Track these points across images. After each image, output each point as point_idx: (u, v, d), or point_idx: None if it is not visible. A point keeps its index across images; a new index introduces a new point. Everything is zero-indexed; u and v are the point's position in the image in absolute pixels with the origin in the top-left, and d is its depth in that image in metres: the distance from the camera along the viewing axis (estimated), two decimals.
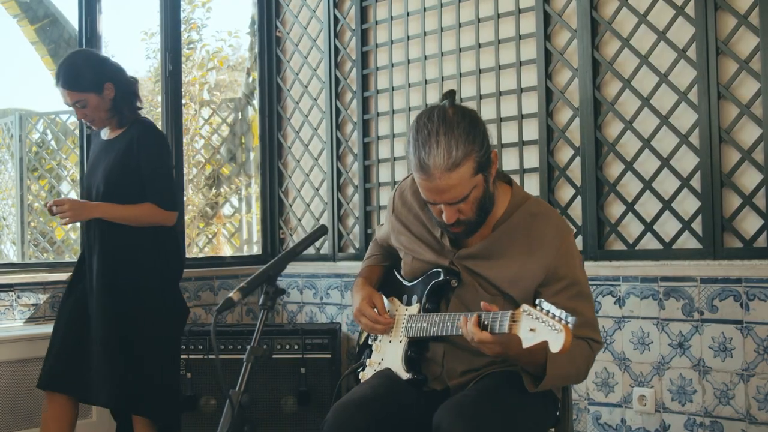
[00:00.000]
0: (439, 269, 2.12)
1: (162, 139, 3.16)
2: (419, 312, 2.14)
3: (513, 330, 1.71)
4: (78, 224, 4.39)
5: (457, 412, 1.86)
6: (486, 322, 1.82)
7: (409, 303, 2.20)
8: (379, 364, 2.23)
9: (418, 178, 1.94)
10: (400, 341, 2.17)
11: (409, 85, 3.98)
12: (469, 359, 2.08)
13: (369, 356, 2.29)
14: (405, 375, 2.13)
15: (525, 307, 1.69)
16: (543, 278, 2.00)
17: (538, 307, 1.66)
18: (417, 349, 2.15)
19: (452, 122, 1.90)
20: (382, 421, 2.00)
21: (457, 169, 1.87)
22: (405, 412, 2.07)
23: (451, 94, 1.99)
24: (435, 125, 1.90)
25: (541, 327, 1.64)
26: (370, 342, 2.31)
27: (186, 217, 4.59)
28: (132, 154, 3.05)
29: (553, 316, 1.62)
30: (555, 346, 1.60)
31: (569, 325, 1.59)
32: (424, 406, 2.07)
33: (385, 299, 2.26)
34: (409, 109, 3.96)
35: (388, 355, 2.21)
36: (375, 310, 2.21)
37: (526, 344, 1.66)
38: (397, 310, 2.23)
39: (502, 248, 2.05)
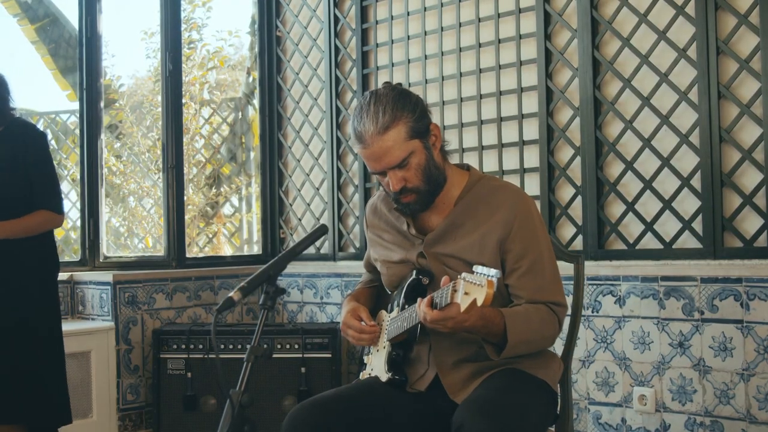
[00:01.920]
0: (412, 271, 2.14)
1: (47, 141, 3.11)
2: (398, 314, 2.16)
3: (453, 298, 1.78)
4: (78, 223, 4.38)
5: (478, 410, 1.86)
6: (436, 301, 1.87)
7: (391, 311, 2.23)
8: (369, 375, 2.25)
9: (358, 151, 2.06)
10: (384, 347, 2.20)
11: (410, 85, 3.97)
12: (457, 349, 2.09)
13: (363, 369, 2.32)
14: (385, 376, 2.15)
15: (463, 274, 1.76)
16: (503, 236, 2.04)
17: (474, 272, 1.73)
18: (401, 350, 2.17)
19: (380, 95, 2.04)
20: (341, 419, 2.01)
21: (387, 132, 1.99)
22: (372, 412, 2.08)
23: (397, 84, 2.13)
24: (366, 100, 2.05)
25: (473, 288, 1.72)
26: (364, 359, 2.33)
27: (186, 217, 4.59)
28: (19, 159, 2.98)
29: (482, 275, 1.71)
30: (479, 301, 1.70)
31: (492, 279, 1.69)
32: (401, 406, 2.09)
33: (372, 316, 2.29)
34: None
35: (376, 363, 2.24)
36: (362, 322, 2.23)
37: (462, 307, 1.74)
38: (383, 321, 2.25)
39: (465, 220, 2.10)
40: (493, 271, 1.70)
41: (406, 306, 2.13)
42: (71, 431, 3.62)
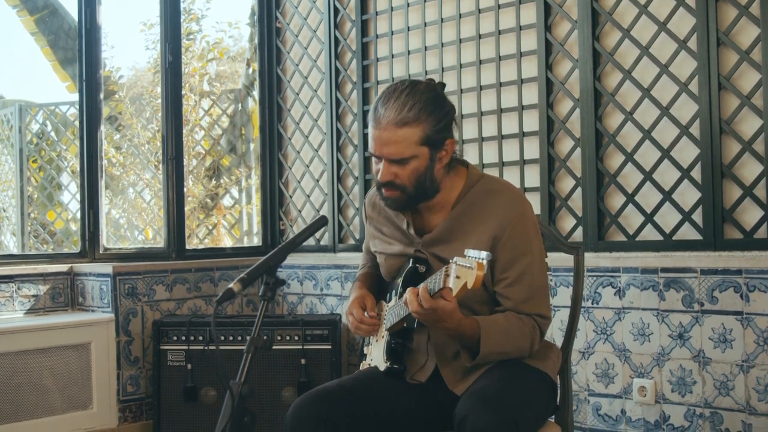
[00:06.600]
0: (409, 259, 2.15)
1: None
2: (395, 303, 2.16)
3: (446, 283, 1.80)
4: (78, 215, 4.36)
5: (480, 402, 1.87)
6: (430, 287, 1.89)
7: (389, 300, 2.23)
8: (369, 365, 2.26)
9: (369, 127, 2.03)
10: (383, 337, 2.21)
11: (410, 76, 3.97)
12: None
13: (364, 359, 2.32)
14: (383, 365, 2.15)
15: (455, 258, 1.78)
16: (493, 245, 2.03)
17: (465, 256, 1.76)
18: (400, 340, 2.17)
19: (418, 90, 2.01)
20: (343, 410, 2.02)
21: (403, 128, 1.97)
22: (375, 403, 2.09)
23: (439, 84, 2.09)
24: (403, 86, 2.02)
25: (463, 271, 1.74)
26: (364, 350, 2.34)
27: (186, 209, 4.58)
28: None
29: (473, 258, 1.73)
30: (470, 284, 1.73)
31: (483, 261, 1.71)
32: (402, 397, 2.10)
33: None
34: None
35: (375, 353, 2.24)
36: (366, 313, 2.22)
37: (454, 291, 1.77)
38: (382, 310, 2.26)
39: (460, 227, 2.10)
40: (483, 254, 1.72)
41: (404, 295, 2.14)
42: (72, 423, 3.64)
